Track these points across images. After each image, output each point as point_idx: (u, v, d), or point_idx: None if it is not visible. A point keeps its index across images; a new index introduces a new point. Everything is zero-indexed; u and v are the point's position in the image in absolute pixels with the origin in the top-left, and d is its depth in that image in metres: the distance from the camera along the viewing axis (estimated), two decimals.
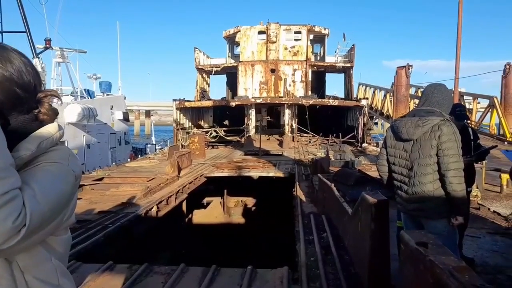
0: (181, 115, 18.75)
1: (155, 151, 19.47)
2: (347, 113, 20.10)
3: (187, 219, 9.47)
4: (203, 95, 21.07)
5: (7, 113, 1.01)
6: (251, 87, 19.11)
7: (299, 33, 19.23)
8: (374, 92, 25.97)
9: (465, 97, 20.07)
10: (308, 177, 8.35)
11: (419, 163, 2.69)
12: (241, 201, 11.60)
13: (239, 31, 19.43)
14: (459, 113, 3.90)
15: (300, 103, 17.02)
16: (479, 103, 20.53)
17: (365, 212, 3.07)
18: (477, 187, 6.70)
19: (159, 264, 3.91)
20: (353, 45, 20.14)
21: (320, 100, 18.00)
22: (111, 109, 21.46)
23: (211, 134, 18.15)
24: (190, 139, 12.48)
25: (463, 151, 3.75)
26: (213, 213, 11.12)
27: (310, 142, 17.13)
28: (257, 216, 10.93)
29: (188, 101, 19.01)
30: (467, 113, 4.13)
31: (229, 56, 22.23)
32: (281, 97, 18.04)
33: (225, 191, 11.15)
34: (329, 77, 23.09)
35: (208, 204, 11.46)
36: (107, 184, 7.64)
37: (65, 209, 1.06)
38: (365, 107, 17.26)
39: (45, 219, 0.96)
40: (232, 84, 21.48)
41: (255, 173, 9.48)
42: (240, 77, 19.20)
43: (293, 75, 18.98)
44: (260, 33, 19.19)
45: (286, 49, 19.11)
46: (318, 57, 21.90)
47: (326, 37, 21.15)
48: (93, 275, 3.30)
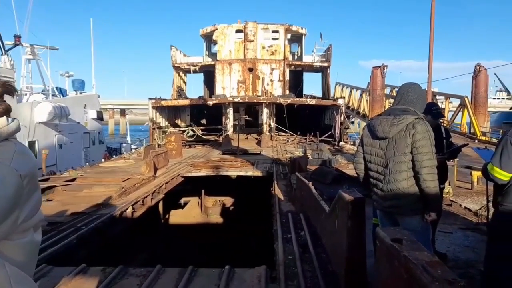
0: (157, 114, 18.45)
1: (131, 150, 19.10)
2: (324, 112, 20.33)
3: (164, 220, 9.33)
4: (180, 93, 20.81)
5: None
6: (228, 86, 19.03)
7: (277, 32, 19.29)
8: (350, 91, 26.45)
9: (437, 97, 20.70)
10: (286, 176, 8.38)
11: (394, 161, 2.73)
12: (219, 200, 11.53)
13: (216, 30, 19.30)
14: (435, 112, 4.00)
15: (278, 102, 17.08)
16: (451, 102, 21.22)
17: (342, 210, 3.10)
18: (449, 184, 6.91)
19: (135, 266, 3.82)
20: (329, 45, 20.37)
21: (298, 99, 18.12)
22: (84, 108, 20.90)
23: (188, 133, 17.95)
24: (166, 139, 12.30)
25: (436, 149, 3.85)
26: (190, 213, 11.00)
27: (288, 141, 17.22)
28: (235, 215, 10.89)
29: (164, 99, 18.72)
30: (442, 112, 4.24)
31: (206, 54, 22.04)
32: (259, 96, 18.05)
33: (203, 191, 11.05)
34: (306, 76, 23.30)
35: (185, 204, 11.33)
36: (80, 185, 7.42)
37: (13, 212, 0.97)
38: (342, 106, 17.49)
39: None
40: (209, 82, 21.32)
41: (233, 173, 9.44)
42: (217, 75, 19.08)
43: (271, 74, 19.02)
44: (237, 31, 19.13)
45: (263, 48, 19.13)
46: (295, 57, 22.03)
47: (303, 36, 21.29)
48: (65, 279, 3.18)
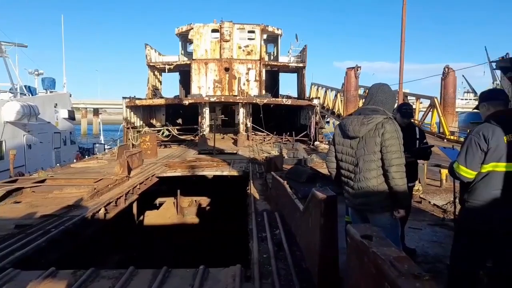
0: (132, 113, 18.11)
1: (104, 151, 18.66)
2: (300, 112, 20.53)
3: (138, 221, 9.18)
4: (155, 93, 20.50)
5: None
6: (205, 85, 18.91)
7: (253, 32, 19.34)
8: (325, 92, 26.84)
9: (408, 97, 21.31)
10: (262, 175, 8.41)
11: (364, 159, 2.80)
12: (195, 200, 11.45)
13: (192, 29, 19.14)
14: (404, 111, 4.12)
15: (254, 102, 17.12)
16: (421, 103, 21.90)
17: (315, 208, 3.14)
18: (419, 182, 7.13)
19: (108, 268, 3.74)
20: (305, 46, 20.61)
21: (274, 99, 18.22)
22: (55, 107, 20.26)
23: (163, 133, 17.72)
24: (141, 138, 12.09)
25: (409, 149, 3.97)
26: (166, 213, 10.88)
27: (264, 140, 17.30)
28: (211, 215, 10.85)
29: (139, 99, 18.39)
30: (413, 112, 4.39)
31: (182, 53, 21.83)
32: (236, 96, 18.04)
33: (178, 191, 10.95)
34: (282, 76, 23.47)
35: (160, 204, 11.20)
36: (50, 186, 7.19)
37: None
38: (317, 107, 17.73)
39: None
40: (185, 82, 21.11)
41: (209, 172, 9.39)
42: (193, 75, 18.93)
43: (247, 74, 19.04)
44: (213, 31, 19.04)
45: (240, 48, 19.13)
46: (271, 57, 22.15)
47: (279, 37, 21.43)
48: (33, 283, 3.08)
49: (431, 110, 20.14)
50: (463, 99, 64.40)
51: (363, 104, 3.12)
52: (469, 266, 2.82)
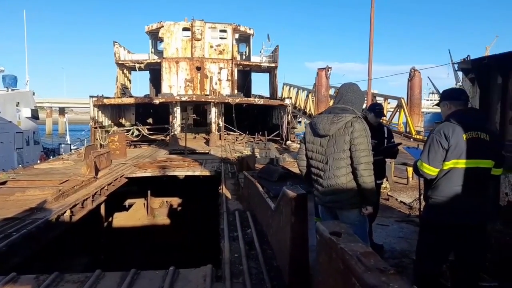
0: (100, 112, 17.58)
1: (70, 151, 18.00)
2: (272, 112, 20.65)
3: (106, 223, 8.92)
4: (124, 91, 20.00)
5: None
6: (176, 84, 18.65)
7: (225, 31, 19.25)
8: (297, 92, 27.15)
9: (377, 98, 21.93)
10: (234, 175, 8.39)
11: (334, 157, 2.84)
12: (166, 201, 11.28)
13: (163, 27, 18.82)
14: (378, 111, 4.22)
15: (226, 101, 17.05)
16: (389, 103, 22.59)
17: (286, 206, 3.16)
18: (387, 180, 7.35)
19: (74, 272, 3.60)
20: (277, 46, 20.74)
21: (246, 99, 18.23)
22: (17, 105, 19.39)
23: (133, 132, 17.32)
24: (109, 138, 11.75)
25: (377, 149, 4.07)
26: (135, 215, 10.64)
27: (236, 140, 17.26)
28: (183, 216, 10.72)
29: (107, 97, 17.88)
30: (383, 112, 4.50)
31: (152, 52, 21.42)
32: (207, 95, 17.90)
33: (149, 192, 10.74)
34: (254, 76, 23.51)
35: (130, 206, 10.95)
36: (12, 188, 6.85)
37: None
38: (289, 106, 17.89)
39: None
40: (155, 81, 20.74)
41: (180, 172, 9.26)
42: (164, 74, 18.62)
43: (219, 73, 18.94)
44: (184, 29, 18.80)
45: (211, 47, 18.99)
46: (243, 57, 22.15)
47: (251, 37, 21.46)
48: None
49: (398, 110, 20.81)
50: (428, 100, 66.81)
51: (333, 103, 3.16)
52: (433, 260, 2.93)
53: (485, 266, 3.19)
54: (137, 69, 20.48)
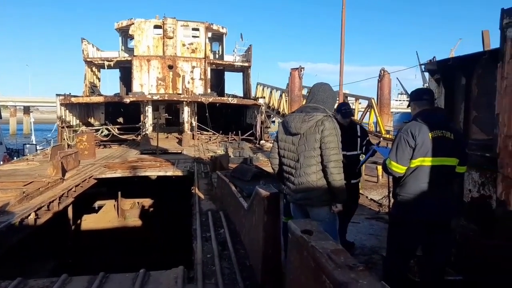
0: (67, 111, 16.97)
1: (35, 152, 17.28)
2: (246, 111, 20.64)
3: (74, 225, 8.63)
4: (93, 90, 19.41)
5: None
6: (147, 83, 18.27)
7: (197, 30, 19.05)
8: (271, 92, 27.25)
9: (348, 98, 22.36)
10: (207, 175, 8.33)
11: (305, 155, 2.86)
12: (138, 202, 11.05)
13: (133, 24, 18.38)
14: (344, 111, 4.27)
15: (199, 100, 16.89)
16: (360, 103, 23.07)
17: (258, 205, 3.16)
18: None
19: (40, 277, 3.46)
20: (250, 46, 20.74)
21: (219, 98, 18.12)
22: None
23: (102, 132, 16.85)
24: (77, 138, 11.37)
25: (350, 147, 4.12)
26: (105, 217, 10.36)
27: (210, 140, 17.14)
28: (155, 217, 10.53)
29: (75, 96, 17.29)
30: (352, 111, 4.54)
31: (122, 49, 20.91)
32: (180, 94, 17.66)
33: (119, 193, 10.48)
34: (228, 75, 23.43)
35: (100, 207, 10.65)
36: None
37: None
38: (263, 106, 17.94)
39: None
40: (126, 79, 20.25)
41: (152, 173, 9.09)
42: (135, 72, 18.21)
43: (192, 72, 18.73)
44: (156, 27, 18.46)
45: (184, 45, 18.75)
46: (216, 56, 22.01)
47: (224, 36, 21.35)
48: None
49: (369, 110, 21.30)
50: (397, 100, 68.86)
51: (305, 102, 3.19)
52: (402, 255, 3.01)
53: (450, 260, 3.31)
54: (106, 67, 19.91)
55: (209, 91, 18.99)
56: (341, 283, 1.37)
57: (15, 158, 17.54)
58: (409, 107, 3.10)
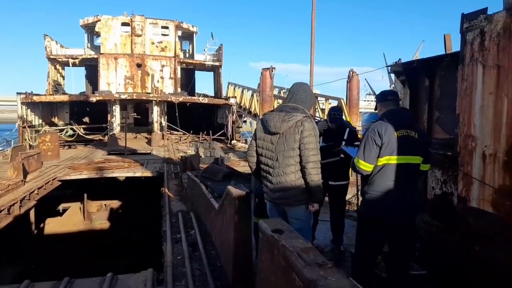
0: (29, 111, 16.23)
1: None
2: (217, 111, 20.52)
3: (37, 229, 8.27)
4: (57, 88, 18.65)
5: None
6: (114, 81, 17.78)
7: (167, 28, 18.74)
8: (242, 91, 27.17)
9: (319, 98, 22.71)
10: (177, 175, 8.21)
11: (284, 155, 2.87)
12: (105, 205, 10.74)
13: (100, 21, 17.85)
14: (333, 117, 4.27)
15: (169, 100, 16.63)
16: (330, 103, 23.47)
17: (229, 205, 3.14)
18: None
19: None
20: (221, 45, 20.63)
21: (190, 97, 17.91)
22: None
23: (67, 132, 16.22)
24: (40, 139, 10.90)
25: (333, 148, 4.13)
26: (71, 220, 10.00)
27: (180, 140, 16.92)
28: (123, 219, 10.27)
29: (37, 95, 16.56)
30: (341, 117, 4.42)
31: (88, 47, 20.22)
32: (149, 93, 17.31)
33: (85, 195, 10.15)
34: (198, 75, 23.19)
35: (64, 210, 10.27)
36: None
37: None
38: (234, 106, 17.90)
39: None
40: (92, 77, 19.62)
41: (120, 174, 8.86)
42: (101, 70, 17.67)
43: (161, 71, 18.41)
44: (123, 24, 18.00)
45: (153, 43, 18.39)
46: (187, 55, 21.73)
47: (194, 34, 21.12)
48: None
49: None
50: (365, 101, 70.62)
51: (284, 101, 3.19)
52: (370, 251, 3.08)
53: (415, 255, 3.42)
54: (71, 64, 19.21)
55: (179, 90, 18.73)
56: (310, 280, 1.38)
57: None
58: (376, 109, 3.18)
